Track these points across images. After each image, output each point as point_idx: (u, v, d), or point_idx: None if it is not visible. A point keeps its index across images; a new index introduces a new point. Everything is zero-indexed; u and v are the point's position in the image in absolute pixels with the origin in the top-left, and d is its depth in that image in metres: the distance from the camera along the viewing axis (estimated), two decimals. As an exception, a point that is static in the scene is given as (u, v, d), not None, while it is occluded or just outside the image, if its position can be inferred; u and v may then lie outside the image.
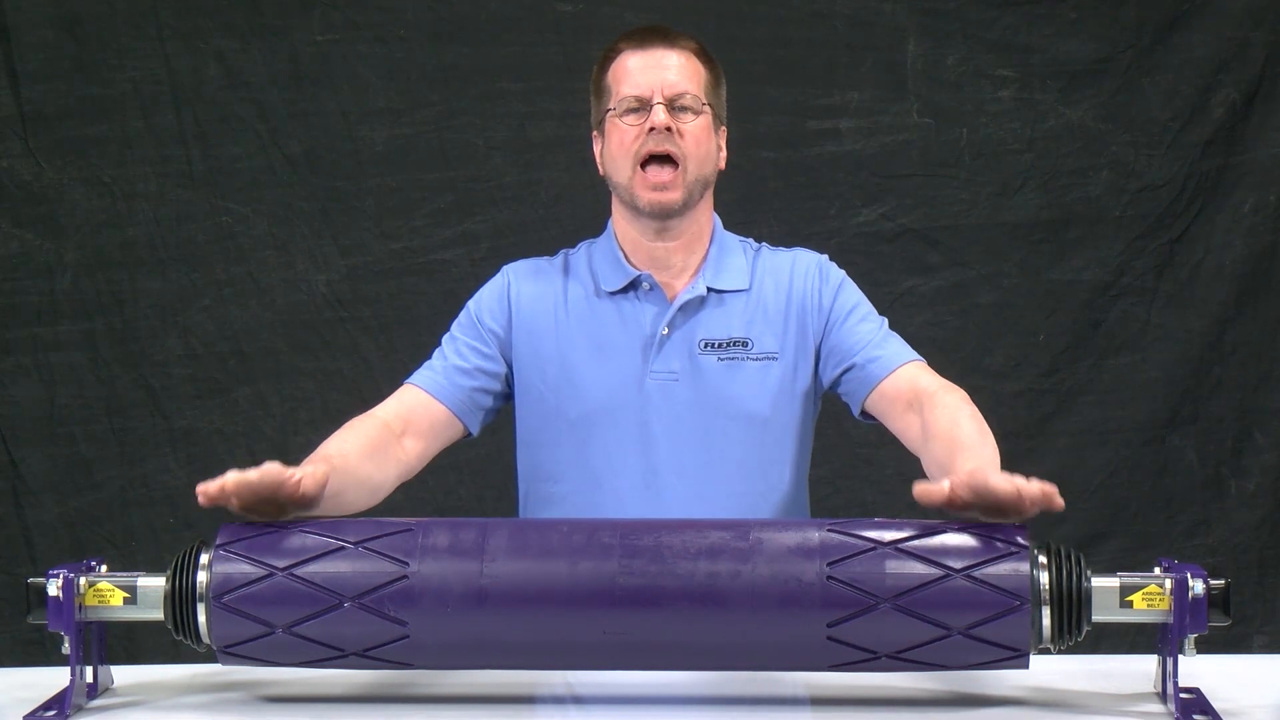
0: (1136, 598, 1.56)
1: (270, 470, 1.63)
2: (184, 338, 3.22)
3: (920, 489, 1.62)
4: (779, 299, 2.10)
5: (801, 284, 2.10)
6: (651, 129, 2.01)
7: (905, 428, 1.99)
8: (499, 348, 2.10)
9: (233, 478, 1.62)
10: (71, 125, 3.19)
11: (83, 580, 1.63)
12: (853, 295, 2.12)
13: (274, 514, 1.67)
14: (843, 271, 2.14)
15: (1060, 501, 1.58)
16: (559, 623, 1.58)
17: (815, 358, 2.09)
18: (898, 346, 2.06)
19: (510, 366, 2.11)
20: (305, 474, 1.67)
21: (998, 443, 1.85)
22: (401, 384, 2.08)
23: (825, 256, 2.14)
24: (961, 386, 1.98)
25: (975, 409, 1.92)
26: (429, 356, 2.12)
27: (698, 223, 2.09)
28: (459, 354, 2.10)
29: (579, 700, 1.73)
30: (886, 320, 2.11)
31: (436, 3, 3.22)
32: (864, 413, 2.07)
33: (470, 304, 2.14)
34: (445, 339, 2.13)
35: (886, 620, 1.55)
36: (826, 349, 2.08)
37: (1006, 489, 1.56)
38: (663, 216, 2.04)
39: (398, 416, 2.02)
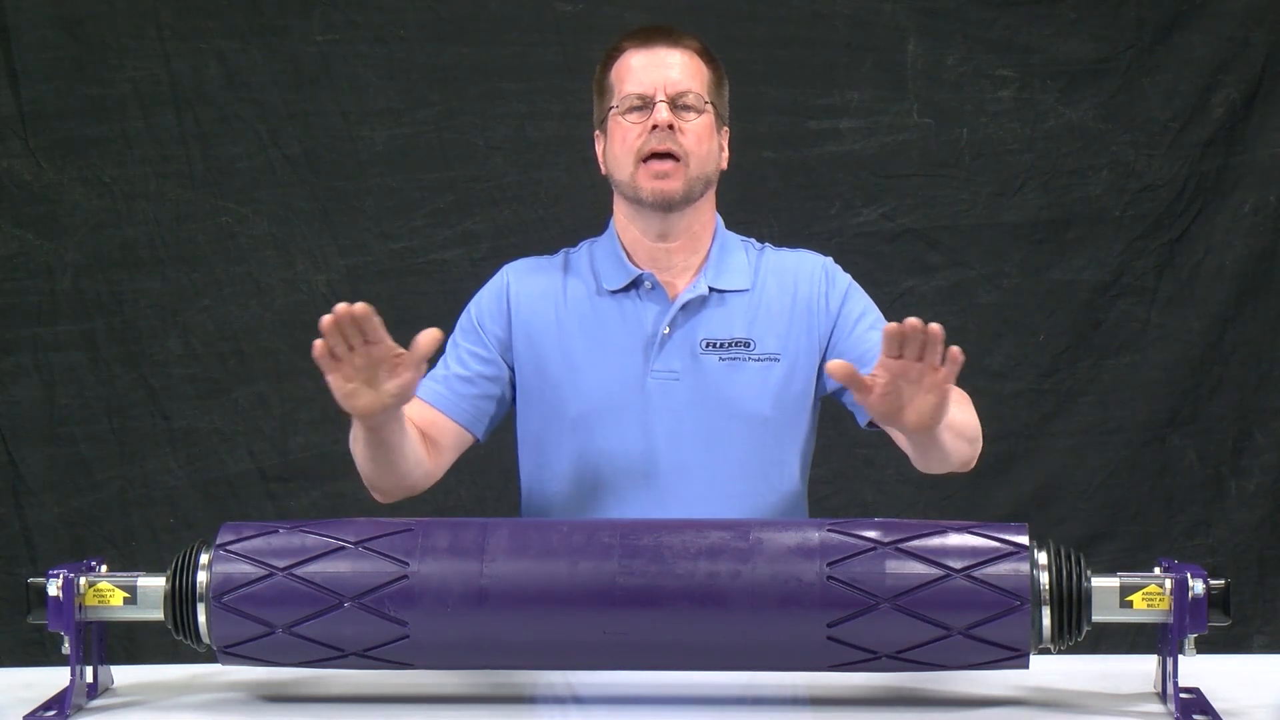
0: (1136, 598, 1.56)
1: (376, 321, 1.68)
2: (184, 338, 3.21)
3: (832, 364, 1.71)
4: (783, 299, 2.09)
5: (807, 286, 2.09)
6: (654, 126, 2.01)
7: None
8: (499, 350, 2.10)
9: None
10: (71, 125, 3.19)
11: (83, 580, 1.63)
12: (861, 301, 2.11)
13: (367, 401, 1.74)
14: (849, 275, 2.13)
15: (956, 349, 1.65)
16: (559, 623, 1.58)
17: (820, 361, 2.08)
18: None
19: (511, 367, 2.11)
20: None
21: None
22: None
23: (830, 259, 2.14)
24: (961, 387, 1.97)
25: (970, 406, 1.92)
26: (435, 365, 2.11)
27: (699, 222, 2.09)
28: (460, 361, 2.09)
29: (579, 700, 1.73)
30: (892, 326, 2.10)
31: (436, 3, 3.22)
32: (871, 422, 2.05)
33: (470, 306, 2.14)
34: (449, 344, 2.12)
35: (886, 620, 1.55)
36: (834, 355, 2.06)
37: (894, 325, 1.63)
38: (664, 208, 2.03)
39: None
